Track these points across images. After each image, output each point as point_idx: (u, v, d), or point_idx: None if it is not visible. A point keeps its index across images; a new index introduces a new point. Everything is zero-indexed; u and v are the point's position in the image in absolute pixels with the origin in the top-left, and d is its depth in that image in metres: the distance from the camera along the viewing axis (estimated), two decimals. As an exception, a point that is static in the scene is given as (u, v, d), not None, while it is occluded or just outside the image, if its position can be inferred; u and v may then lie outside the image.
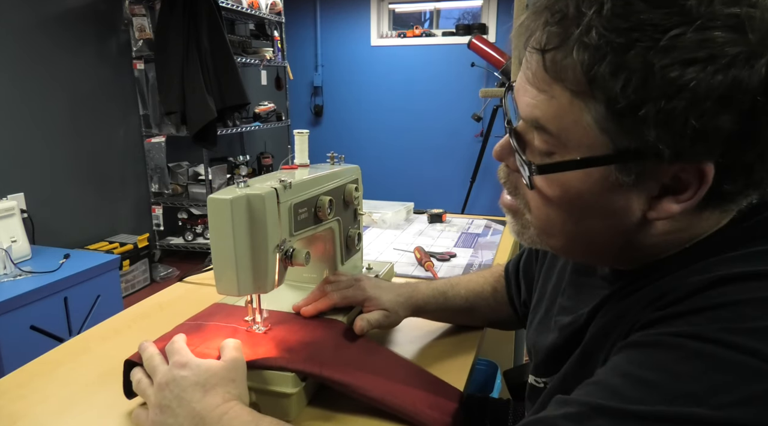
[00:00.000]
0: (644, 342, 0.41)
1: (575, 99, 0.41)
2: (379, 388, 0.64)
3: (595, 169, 0.43)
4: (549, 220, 0.49)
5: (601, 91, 0.39)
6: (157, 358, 0.61)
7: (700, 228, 0.46)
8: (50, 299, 1.97)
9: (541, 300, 0.66)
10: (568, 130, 0.42)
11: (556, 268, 0.65)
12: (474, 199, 4.35)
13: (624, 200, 0.44)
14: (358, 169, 0.90)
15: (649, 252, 0.48)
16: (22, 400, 0.67)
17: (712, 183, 0.40)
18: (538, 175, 0.46)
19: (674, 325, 0.40)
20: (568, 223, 0.47)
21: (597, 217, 0.45)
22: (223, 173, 3.50)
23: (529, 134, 0.46)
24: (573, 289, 0.59)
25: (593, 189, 0.44)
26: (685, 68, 0.36)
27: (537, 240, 0.52)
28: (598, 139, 0.41)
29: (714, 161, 0.39)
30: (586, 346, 0.51)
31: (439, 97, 4.61)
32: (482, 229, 1.49)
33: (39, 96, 2.60)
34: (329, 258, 0.86)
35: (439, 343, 0.83)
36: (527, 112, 0.45)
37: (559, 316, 0.59)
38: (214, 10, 2.95)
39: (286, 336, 0.70)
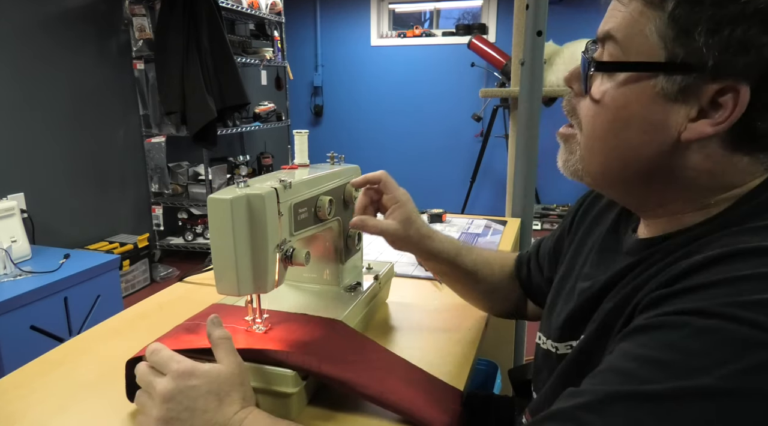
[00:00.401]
0: (650, 325, 0.42)
1: (645, 9, 0.46)
2: (379, 386, 0.64)
3: (644, 76, 0.47)
4: (594, 133, 0.52)
5: (667, 2, 0.44)
6: (148, 372, 0.58)
7: (730, 176, 0.47)
8: (50, 299, 1.97)
9: (570, 271, 0.67)
10: (633, 38, 0.47)
11: (587, 246, 0.66)
12: (474, 199, 4.35)
13: (664, 114, 0.47)
14: (358, 169, 0.90)
15: (678, 196, 0.50)
16: (22, 400, 0.67)
17: (745, 112, 0.43)
18: (596, 73, 0.50)
19: (677, 303, 0.41)
20: (609, 135, 0.50)
21: (637, 129, 0.48)
22: (223, 173, 3.50)
23: (600, 50, 0.51)
24: (597, 257, 0.62)
25: (639, 96, 0.47)
26: None
27: (579, 166, 0.55)
28: (655, 48, 0.46)
29: (750, 85, 0.42)
30: (606, 318, 0.52)
31: (439, 97, 4.61)
32: (482, 229, 1.49)
33: (39, 96, 2.60)
34: (329, 258, 0.86)
35: (439, 343, 0.83)
36: (603, 28, 0.50)
37: (580, 283, 0.61)
38: (214, 10, 2.95)
39: (286, 336, 0.70)
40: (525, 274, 0.84)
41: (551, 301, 0.68)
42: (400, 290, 1.00)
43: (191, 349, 0.64)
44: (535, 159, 1.57)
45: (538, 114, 1.54)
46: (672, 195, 0.50)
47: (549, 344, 0.63)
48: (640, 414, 0.38)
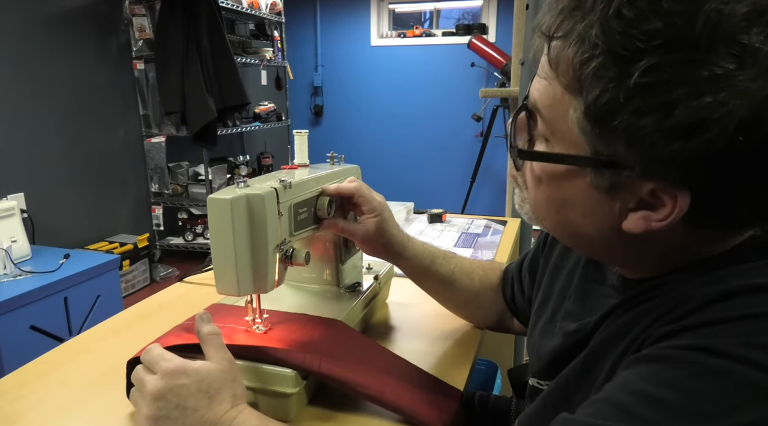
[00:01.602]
0: (654, 356, 0.39)
1: (566, 93, 0.41)
2: (379, 385, 0.64)
3: (573, 168, 0.43)
4: (537, 201, 0.49)
5: (584, 93, 0.39)
6: (140, 372, 0.58)
7: (708, 245, 0.43)
8: (50, 299, 1.97)
9: (546, 301, 0.64)
10: (557, 121, 0.43)
11: (565, 270, 0.63)
12: (474, 199, 4.35)
13: (599, 203, 0.43)
14: (358, 169, 0.90)
15: (655, 262, 0.46)
16: (22, 400, 0.67)
17: (694, 210, 0.39)
18: (519, 159, 0.48)
19: (686, 337, 0.38)
20: (551, 210, 0.48)
21: (575, 211, 0.46)
22: (223, 173, 3.50)
23: (536, 115, 0.47)
24: (581, 293, 0.58)
25: (572, 186, 0.44)
26: (663, 89, 0.35)
27: (532, 217, 0.53)
28: (578, 138, 0.41)
29: (689, 190, 0.38)
30: (589, 353, 0.49)
31: (439, 97, 4.61)
32: (482, 229, 1.49)
33: (39, 96, 2.60)
34: (329, 258, 0.86)
35: (439, 343, 0.83)
36: (532, 94, 0.46)
37: (564, 322, 0.57)
38: (214, 10, 2.95)
39: (286, 336, 0.70)
40: (510, 295, 0.81)
41: (530, 333, 0.66)
42: (400, 290, 1.00)
43: (187, 344, 0.64)
44: (535, 159, 1.57)
45: (538, 114, 1.53)
46: (647, 259, 0.46)
47: (535, 382, 0.61)
48: None
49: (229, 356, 0.59)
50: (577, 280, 0.59)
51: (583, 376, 0.49)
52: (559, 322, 0.59)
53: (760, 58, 0.34)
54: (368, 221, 0.76)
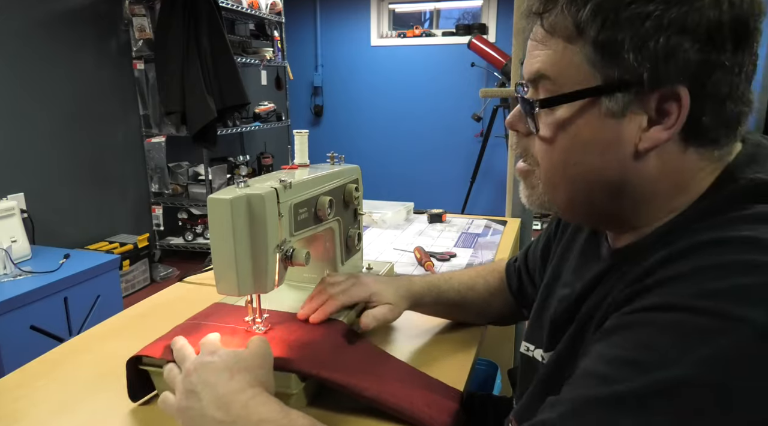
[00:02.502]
0: (620, 324, 0.43)
1: (568, 44, 0.48)
2: (379, 388, 0.64)
3: (588, 102, 0.48)
4: (553, 167, 0.52)
5: (587, 32, 0.46)
6: (188, 348, 0.62)
7: (685, 175, 0.49)
8: (50, 299, 1.97)
9: (556, 278, 0.67)
10: (564, 72, 0.49)
11: (572, 252, 0.66)
12: (474, 199, 4.35)
13: (616, 131, 0.48)
14: (358, 169, 0.90)
15: (644, 208, 0.51)
16: (22, 400, 0.67)
17: (690, 111, 0.45)
18: (541, 111, 0.51)
19: (642, 300, 0.42)
20: (569, 166, 0.51)
21: (593, 153, 0.49)
22: (223, 173, 3.50)
23: (536, 89, 0.51)
24: (577, 262, 0.63)
25: (588, 122, 0.49)
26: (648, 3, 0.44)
27: (544, 198, 0.55)
28: (588, 74, 0.47)
29: (687, 86, 0.44)
30: (578, 324, 0.54)
31: (439, 97, 4.61)
32: (482, 229, 1.49)
33: (39, 96, 2.60)
34: (329, 258, 0.86)
35: (439, 343, 0.83)
36: (532, 68, 0.51)
37: (560, 290, 0.62)
38: (214, 10, 2.95)
39: (286, 336, 0.70)
40: (516, 287, 0.85)
41: (538, 308, 0.68)
42: (400, 290, 1.00)
43: None
44: (535, 159, 1.57)
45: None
46: (637, 209, 0.51)
47: (537, 353, 0.64)
48: (620, 415, 0.38)
49: (268, 351, 0.61)
50: (577, 251, 0.64)
51: (573, 346, 0.53)
52: (557, 288, 0.64)
53: None
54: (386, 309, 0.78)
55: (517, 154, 0.58)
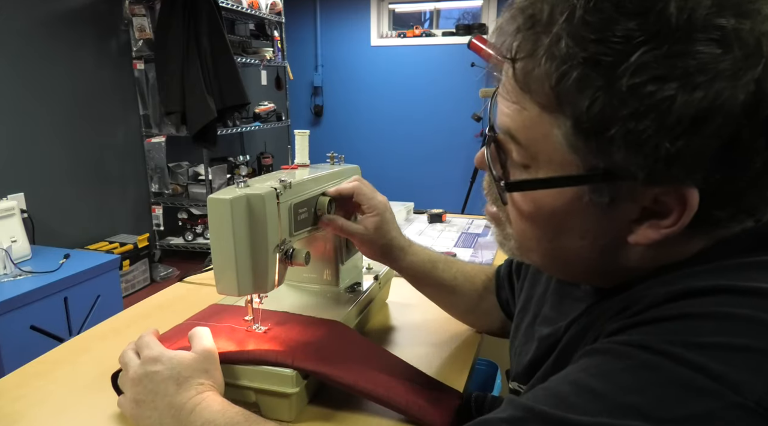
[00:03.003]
0: (597, 349, 0.39)
1: (544, 113, 0.39)
2: (380, 386, 0.64)
3: (567, 189, 0.40)
4: (525, 236, 0.47)
5: (569, 108, 0.37)
6: (129, 354, 0.63)
7: (687, 252, 0.42)
8: (50, 299, 1.97)
9: (528, 304, 0.64)
10: (538, 144, 0.40)
11: (544, 274, 0.63)
12: (474, 199, 4.35)
13: (600, 222, 0.41)
14: (358, 169, 0.90)
15: (629, 273, 0.45)
16: (22, 400, 0.67)
17: (699, 206, 0.37)
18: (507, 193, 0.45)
19: (627, 334, 0.38)
20: (543, 241, 0.46)
21: (573, 237, 0.43)
22: (223, 173, 3.50)
23: (509, 144, 0.44)
24: (556, 298, 0.58)
25: (567, 209, 0.42)
26: (657, 86, 0.34)
27: (517, 253, 0.51)
28: (567, 156, 0.39)
29: (697, 186, 0.36)
30: (557, 356, 0.51)
31: (439, 97, 4.61)
32: (482, 229, 1.48)
33: (39, 96, 2.60)
34: (329, 258, 0.86)
35: (439, 343, 0.83)
36: (501, 122, 0.44)
37: (540, 327, 0.57)
38: (214, 10, 2.95)
39: (286, 336, 0.70)
40: (504, 298, 0.80)
41: (512, 335, 0.66)
42: (400, 290, 1.00)
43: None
44: (535, 159, 1.57)
45: (538, 114, 1.53)
46: (623, 272, 0.45)
47: (515, 385, 0.61)
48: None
49: (209, 348, 0.62)
50: (554, 283, 0.59)
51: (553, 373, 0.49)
52: (536, 326, 0.59)
53: (743, 38, 0.33)
54: (367, 220, 0.75)
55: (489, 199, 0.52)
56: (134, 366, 0.60)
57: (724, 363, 0.33)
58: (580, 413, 0.35)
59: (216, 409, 0.55)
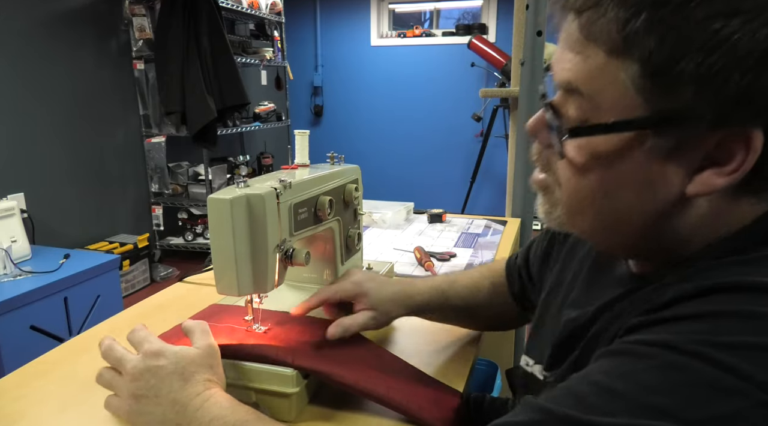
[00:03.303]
0: (617, 350, 0.39)
1: (610, 58, 0.39)
2: (380, 385, 0.64)
3: (629, 134, 0.40)
4: (579, 194, 0.45)
5: (636, 50, 0.37)
6: (119, 349, 0.60)
7: (733, 218, 0.42)
8: (50, 299, 1.97)
9: (557, 288, 0.63)
10: (603, 91, 0.40)
11: (577, 257, 0.61)
12: (474, 199, 4.35)
13: (661, 171, 0.40)
14: (358, 169, 0.90)
15: (675, 245, 0.44)
16: (22, 400, 0.67)
17: (760, 155, 0.37)
18: (570, 140, 0.43)
19: (650, 332, 0.38)
20: (598, 197, 0.44)
21: (630, 189, 0.42)
22: (223, 173, 3.50)
23: (564, 106, 0.44)
24: (585, 283, 0.57)
25: (628, 157, 0.41)
26: (728, 20, 0.34)
27: (565, 220, 0.48)
28: (633, 100, 0.39)
29: (762, 128, 0.36)
30: (584, 348, 0.49)
31: (439, 97, 4.61)
32: (482, 229, 1.49)
33: (39, 96, 2.60)
34: (329, 258, 0.86)
35: (439, 343, 0.83)
36: (562, 77, 0.43)
37: (567, 310, 0.56)
38: (214, 10, 2.95)
39: (287, 336, 0.70)
40: (518, 288, 0.79)
41: (538, 319, 0.65)
42: (400, 290, 1.00)
43: None
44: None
45: (538, 114, 1.53)
46: (670, 247, 0.45)
47: (537, 369, 0.60)
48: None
49: (211, 343, 0.61)
50: (586, 269, 0.58)
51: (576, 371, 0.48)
52: (564, 310, 0.58)
53: None
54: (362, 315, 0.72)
55: (538, 166, 0.50)
56: (133, 360, 0.57)
57: (754, 363, 0.33)
58: (601, 414, 0.35)
59: (225, 406, 0.54)
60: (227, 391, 0.61)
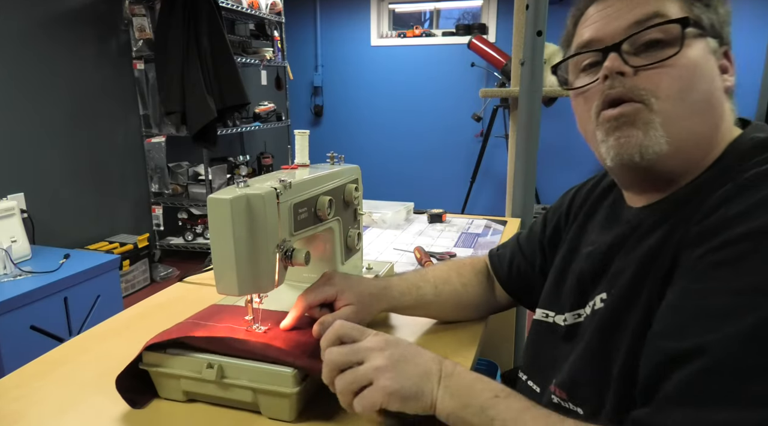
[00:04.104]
0: (723, 260, 0.45)
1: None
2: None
3: (703, 40, 0.56)
4: (680, 92, 0.55)
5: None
6: (341, 338, 0.59)
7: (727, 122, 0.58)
8: (50, 299, 1.97)
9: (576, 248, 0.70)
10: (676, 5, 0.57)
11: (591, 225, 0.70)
12: (474, 199, 4.35)
13: (714, 67, 0.57)
14: (358, 169, 0.90)
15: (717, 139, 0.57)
16: (22, 400, 0.67)
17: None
18: (663, 42, 0.55)
19: (735, 227, 0.45)
20: (695, 91, 0.55)
21: (707, 80, 0.56)
22: (223, 173, 3.50)
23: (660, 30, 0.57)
24: (600, 229, 0.67)
25: (703, 53, 0.56)
26: None
27: (662, 141, 0.54)
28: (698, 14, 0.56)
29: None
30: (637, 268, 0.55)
31: (439, 97, 4.61)
32: (482, 229, 1.49)
33: (39, 96, 2.60)
34: (329, 258, 0.86)
35: (439, 343, 0.83)
36: (656, 7, 0.56)
37: (586, 248, 0.66)
38: (214, 10, 2.95)
39: (286, 335, 0.70)
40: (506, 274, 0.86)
41: (556, 279, 0.71)
42: (400, 290, 1.00)
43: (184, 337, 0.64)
44: (535, 159, 1.57)
45: (538, 114, 1.54)
46: (716, 136, 0.57)
47: (558, 319, 0.67)
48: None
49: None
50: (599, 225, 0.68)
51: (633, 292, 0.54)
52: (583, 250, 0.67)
53: None
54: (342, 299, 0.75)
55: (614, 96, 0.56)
56: (370, 338, 0.57)
57: None
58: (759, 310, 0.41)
59: (481, 377, 0.55)
60: (226, 391, 0.61)
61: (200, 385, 0.64)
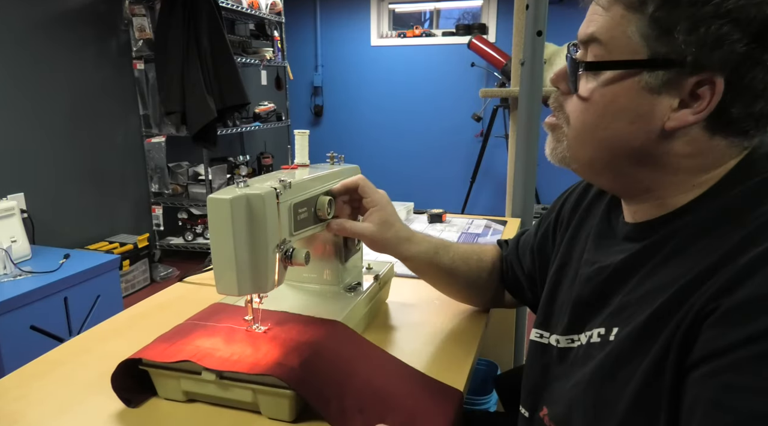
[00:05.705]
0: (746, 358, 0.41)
1: (627, 12, 0.50)
2: (379, 394, 0.63)
3: (630, 72, 0.51)
4: (584, 127, 0.55)
5: (648, 5, 0.48)
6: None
7: (710, 158, 0.51)
8: (50, 299, 1.97)
9: (567, 261, 0.68)
10: (616, 39, 0.51)
11: (582, 235, 0.68)
12: (474, 199, 4.35)
13: (649, 106, 0.51)
14: (357, 169, 0.90)
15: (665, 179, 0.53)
16: (22, 400, 0.67)
17: (720, 101, 0.47)
18: (584, 73, 0.54)
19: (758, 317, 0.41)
20: (599, 129, 0.54)
21: (625, 121, 0.52)
22: (223, 173, 3.50)
23: (584, 56, 0.55)
24: (594, 243, 0.64)
25: (626, 91, 0.52)
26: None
27: (566, 154, 0.58)
28: (638, 47, 0.50)
29: (725, 77, 0.47)
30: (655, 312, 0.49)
31: (439, 97, 4.61)
32: (482, 229, 1.49)
33: (39, 96, 2.60)
34: (329, 258, 0.86)
35: (439, 343, 0.83)
36: (586, 31, 0.54)
37: (583, 269, 0.63)
38: (214, 10, 2.95)
39: (286, 336, 0.70)
40: (505, 267, 0.87)
41: (550, 292, 0.69)
42: (400, 290, 1.00)
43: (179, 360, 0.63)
44: (535, 159, 1.57)
45: (538, 114, 1.54)
46: (657, 179, 0.54)
47: (552, 339, 0.64)
48: None
49: None
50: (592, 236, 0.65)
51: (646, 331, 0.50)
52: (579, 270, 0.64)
53: None
54: (372, 216, 0.79)
55: (552, 108, 0.61)
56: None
57: None
58: None
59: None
60: (226, 391, 0.61)
61: (200, 385, 0.64)
